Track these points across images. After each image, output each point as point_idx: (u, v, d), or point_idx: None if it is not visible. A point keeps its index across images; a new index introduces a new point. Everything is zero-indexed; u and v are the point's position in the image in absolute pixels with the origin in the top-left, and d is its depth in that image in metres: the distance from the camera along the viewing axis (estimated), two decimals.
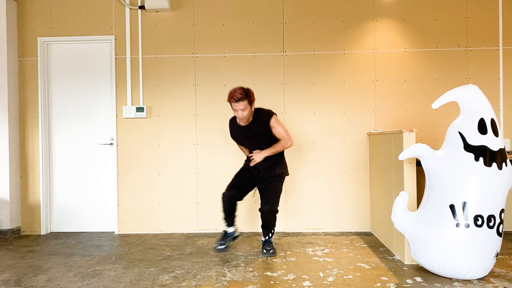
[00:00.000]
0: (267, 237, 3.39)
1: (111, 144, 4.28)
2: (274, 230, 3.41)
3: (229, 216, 3.45)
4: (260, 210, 3.33)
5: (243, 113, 3.18)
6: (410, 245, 2.84)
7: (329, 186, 4.17)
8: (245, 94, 3.14)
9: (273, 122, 3.26)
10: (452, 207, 2.61)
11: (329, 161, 4.17)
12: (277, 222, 3.41)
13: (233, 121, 3.43)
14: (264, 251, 3.34)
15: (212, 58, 4.21)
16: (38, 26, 4.25)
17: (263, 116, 3.29)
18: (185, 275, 2.86)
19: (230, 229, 3.49)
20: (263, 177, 3.37)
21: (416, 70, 4.15)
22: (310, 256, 3.30)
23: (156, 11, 4.18)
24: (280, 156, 3.40)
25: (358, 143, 4.16)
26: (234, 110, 3.21)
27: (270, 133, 3.29)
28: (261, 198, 3.38)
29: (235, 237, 3.61)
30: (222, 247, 3.45)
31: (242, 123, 3.30)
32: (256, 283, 2.68)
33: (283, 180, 3.44)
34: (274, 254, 3.33)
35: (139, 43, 4.21)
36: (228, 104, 4.19)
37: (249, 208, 4.14)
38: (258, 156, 3.26)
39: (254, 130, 3.30)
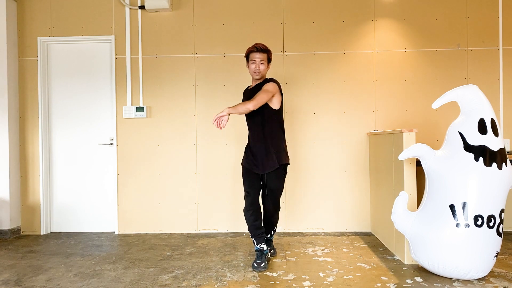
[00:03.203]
0: (269, 235, 3.30)
1: (111, 144, 4.28)
2: (276, 227, 3.33)
3: (259, 228, 3.13)
4: (264, 209, 3.22)
5: (260, 65, 3.05)
6: (410, 245, 2.83)
7: (329, 186, 4.17)
8: (267, 49, 3.11)
9: (268, 84, 3.03)
10: (452, 207, 2.61)
11: (329, 161, 4.17)
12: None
13: (246, 89, 3.29)
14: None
15: (212, 58, 4.21)
16: (38, 26, 4.26)
17: (267, 80, 3.13)
18: (185, 275, 2.86)
19: (265, 246, 3.10)
20: (263, 170, 3.07)
21: (416, 70, 4.15)
22: (310, 256, 3.30)
23: (156, 11, 4.18)
24: (276, 141, 3.10)
25: (358, 143, 4.16)
26: (252, 61, 3.07)
27: (267, 103, 3.06)
28: (263, 196, 3.19)
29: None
30: (263, 266, 2.97)
31: (255, 77, 3.11)
32: (256, 283, 2.68)
33: (286, 173, 3.19)
34: (274, 254, 3.33)
35: (139, 43, 4.21)
36: (226, 103, 4.20)
37: None
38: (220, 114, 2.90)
39: (255, 94, 3.06)
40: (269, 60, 3.15)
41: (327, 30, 4.18)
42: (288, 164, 3.19)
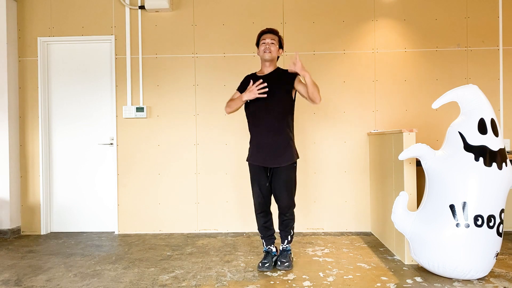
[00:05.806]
0: (286, 242, 3.04)
1: (111, 144, 4.28)
2: (293, 231, 3.08)
3: (269, 229, 3.08)
4: (278, 207, 3.00)
5: (270, 46, 2.96)
6: (410, 245, 2.83)
7: (329, 186, 4.17)
8: (278, 32, 3.09)
9: (299, 78, 3.01)
10: (452, 207, 2.61)
11: (329, 161, 4.17)
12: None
13: (249, 75, 3.14)
14: (279, 263, 2.97)
15: (212, 58, 4.21)
16: (38, 26, 4.25)
17: (290, 72, 3.01)
18: (185, 275, 2.86)
19: (273, 248, 3.07)
20: (273, 166, 2.93)
21: (416, 70, 4.15)
22: (310, 256, 3.30)
23: (156, 11, 4.18)
24: (290, 137, 3.01)
25: (358, 143, 4.16)
26: (262, 41, 3.00)
27: (289, 93, 3.01)
28: (275, 194, 2.98)
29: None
30: (267, 266, 2.94)
31: (266, 56, 2.97)
32: (256, 283, 2.68)
33: (296, 166, 3.02)
34: (290, 267, 2.96)
35: (139, 43, 4.21)
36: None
37: (248, 207, 4.14)
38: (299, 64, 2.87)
39: (273, 82, 2.95)
40: (280, 44, 3.06)
41: (327, 30, 4.18)
42: (298, 158, 3.07)
